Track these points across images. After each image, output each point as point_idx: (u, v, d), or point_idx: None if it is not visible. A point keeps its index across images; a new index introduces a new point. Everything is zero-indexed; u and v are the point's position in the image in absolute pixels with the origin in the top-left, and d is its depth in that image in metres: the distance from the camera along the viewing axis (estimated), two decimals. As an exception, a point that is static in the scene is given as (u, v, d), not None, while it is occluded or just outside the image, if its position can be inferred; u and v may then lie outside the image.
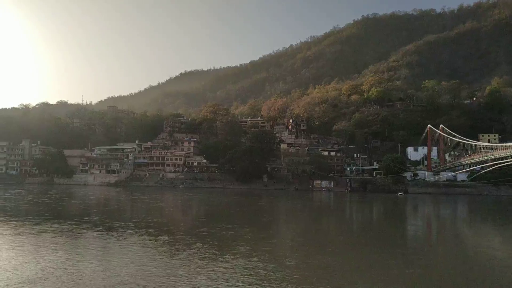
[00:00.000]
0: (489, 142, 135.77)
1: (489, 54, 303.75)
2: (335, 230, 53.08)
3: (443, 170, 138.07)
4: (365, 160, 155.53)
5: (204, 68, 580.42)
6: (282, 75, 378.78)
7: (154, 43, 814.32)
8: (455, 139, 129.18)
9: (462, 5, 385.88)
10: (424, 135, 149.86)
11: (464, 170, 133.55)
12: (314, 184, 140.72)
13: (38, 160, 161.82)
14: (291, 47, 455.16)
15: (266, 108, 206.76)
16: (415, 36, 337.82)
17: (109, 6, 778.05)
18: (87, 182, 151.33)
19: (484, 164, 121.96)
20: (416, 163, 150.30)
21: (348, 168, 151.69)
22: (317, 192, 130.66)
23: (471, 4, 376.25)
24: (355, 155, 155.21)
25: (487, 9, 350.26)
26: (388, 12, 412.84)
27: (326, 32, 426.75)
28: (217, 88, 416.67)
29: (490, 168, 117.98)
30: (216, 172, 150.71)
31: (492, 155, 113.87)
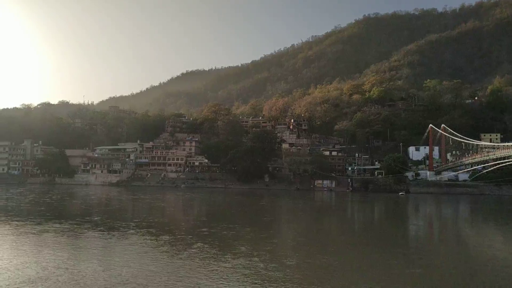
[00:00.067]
0: (491, 142, 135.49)
1: (491, 54, 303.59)
2: (336, 230, 53.05)
3: (444, 170, 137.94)
4: (366, 159, 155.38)
5: (206, 68, 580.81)
6: (283, 75, 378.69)
7: (156, 43, 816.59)
8: (456, 138, 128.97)
9: (463, 4, 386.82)
10: (425, 134, 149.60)
11: (465, 170, 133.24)
12: (315, 184, 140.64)
13: (40, 160, 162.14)
14: (292, 46, 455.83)
15: (268, 108, 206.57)
16: (416, 36, 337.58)
17: (111, 6, 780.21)
18: (88, 182, 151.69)
19: (486, 164, 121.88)
20: (417, 163, 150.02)
21: (349, 168, 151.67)
22: (318, 192, 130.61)
23: (473, 4, 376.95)
24: (356, 155, 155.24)
25: (489, 8, 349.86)
26: (390, 12, 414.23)
27: (328, 32, 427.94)
28: (218, 88, 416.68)
29: (492, 168, 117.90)
30: (217, 172, 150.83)
31: (494, 154, 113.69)
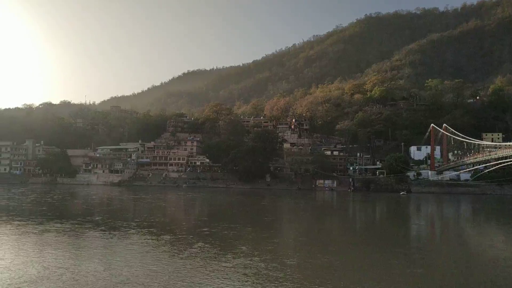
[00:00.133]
0: (492, 141, 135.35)
1: (492, 53, 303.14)
2: (338, 230, 52.99)
3: (446, 170, 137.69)
4: (368, 159, 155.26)
5: (207, 68, 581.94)
6: (284, 75, 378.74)
7: (157, 43, 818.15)
8: (458, 138, 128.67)
9: (465, 3, 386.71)
10: (427, 134, 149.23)
11: (467, 170, 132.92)
12: (317, 184, 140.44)
13: (42, 160, 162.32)
14: (294, 46, 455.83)
15: (269, 107, 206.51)
16: (418, 35, 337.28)
17: (112, 6, 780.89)
18: (90, 181, 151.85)
19: (488, 164, 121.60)
20: (419, 163, 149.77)
21: (351, 168, 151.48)
22: (320, 192, 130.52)
23: (475, 3, 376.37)
24: (358, 154, 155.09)
25: (490, 7, 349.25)
26: (391, 11, 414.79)
27: (329, 31, 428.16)
28: (220, 87, 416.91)
29: (494, 168, 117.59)
30: (219, 171, 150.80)
31: (496, 154, 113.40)
